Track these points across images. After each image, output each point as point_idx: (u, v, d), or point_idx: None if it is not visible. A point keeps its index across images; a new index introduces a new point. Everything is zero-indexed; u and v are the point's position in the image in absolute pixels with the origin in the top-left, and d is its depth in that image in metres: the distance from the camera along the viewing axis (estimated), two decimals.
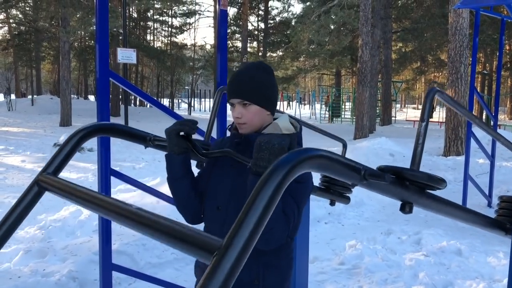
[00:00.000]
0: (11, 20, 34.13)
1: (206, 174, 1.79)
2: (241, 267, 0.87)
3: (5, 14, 33.59)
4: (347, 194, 2.94)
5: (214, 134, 3.69)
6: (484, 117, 29.78)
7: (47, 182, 1.36)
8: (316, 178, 2.10)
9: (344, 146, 3.07)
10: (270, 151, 1.36)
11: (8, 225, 1.31)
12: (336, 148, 7.44)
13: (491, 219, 1.81)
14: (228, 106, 1.81)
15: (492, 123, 7.40)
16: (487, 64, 33.41)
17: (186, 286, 3.40)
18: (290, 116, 1.79)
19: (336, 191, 2.92)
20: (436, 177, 1.32)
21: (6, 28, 36.53)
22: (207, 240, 0.92)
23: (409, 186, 1.32)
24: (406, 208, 1.33)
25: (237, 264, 0.85)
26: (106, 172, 2.89)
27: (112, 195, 3.12)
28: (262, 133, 1.66)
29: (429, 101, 1.39)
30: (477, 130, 8.55)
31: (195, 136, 2.25)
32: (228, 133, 1.84)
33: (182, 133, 1.69)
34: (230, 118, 1.94)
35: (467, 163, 6.53)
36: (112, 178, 2.95)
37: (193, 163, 2.03)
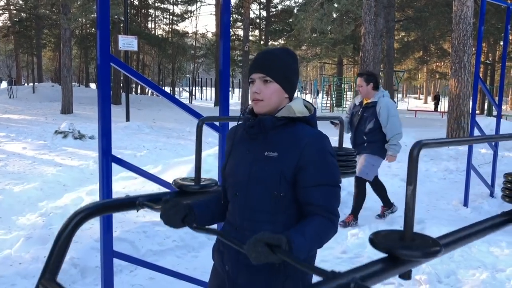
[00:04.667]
0: (11, 7, 33.91)
1: (224, 163, 1.80)
2: None
3: (5, 1, 33.43)
4: (353, 170, 2.94)
5: (216, 113, 3.65)
6: (486, 106, 29.71)
7: None
8: None
9: (341, 123, 3.05)
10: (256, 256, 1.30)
11: None
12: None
13: (499, 218, 1.75)
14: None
15: (495, 113, 7.35)
16: (490, 54, 33.22)
17: (187, 274, 3.39)
18: (304, 100, 1.78)
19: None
20: (432, 251, 1.18)
21: (6, 14, 36.33)
22: None
23: (404, 261, 1.19)
24: (404, 276, 1.22)
25: None
26: (107, 159, 2.86)
27: (113, 183, 3.09)
28: (275, 116, 1.65)
29: (415, 160, 1.18)
30: (480, 120, 8.50)
31: (205, 131, 2.21)
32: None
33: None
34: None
35: (470, 152, 6.49)
36: (114, 165, 2.92)
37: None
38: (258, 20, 35.23)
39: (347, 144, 4.41)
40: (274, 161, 1.62)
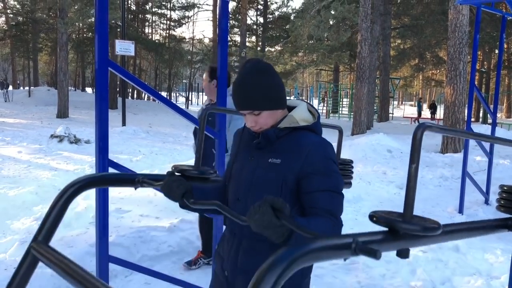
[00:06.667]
0: (8, 11, 33.87)
1: (229, 166, 1.82)
2: None
3: (2, 4, 33.41)
4: (348, 180, 2.95)
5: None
6: (481, 114, 29.86)
7: (41, 252, 1.31)
8: None
9: (340, 133, 3.03)
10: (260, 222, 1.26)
11: None
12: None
13: (495, 222, 1.76)
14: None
15: (490, 120, 7.38)
16: (485, 62, 33.42)
17: (182, 279, 3.38)
18: (309, 104, 1.77)
19: None
20: (431, 226, 1.18)
21: (3, 18, 36.30)
22: None
23: (404, 236, 1.20)
24: (402, 254, 1.22)
25: None
26: (104, 163, 2.85)
27: (109, 188, 3.08)
28: (278, 127, 1.66)
29: (419, 140, 1.19)
30: (475, 127, 8.54)
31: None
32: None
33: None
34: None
35: (465, 160, 6.52)
36: (110, 170, 2.91)
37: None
38: (255, 26, 35.36)
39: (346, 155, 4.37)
40: (277, 167, 1.63)
